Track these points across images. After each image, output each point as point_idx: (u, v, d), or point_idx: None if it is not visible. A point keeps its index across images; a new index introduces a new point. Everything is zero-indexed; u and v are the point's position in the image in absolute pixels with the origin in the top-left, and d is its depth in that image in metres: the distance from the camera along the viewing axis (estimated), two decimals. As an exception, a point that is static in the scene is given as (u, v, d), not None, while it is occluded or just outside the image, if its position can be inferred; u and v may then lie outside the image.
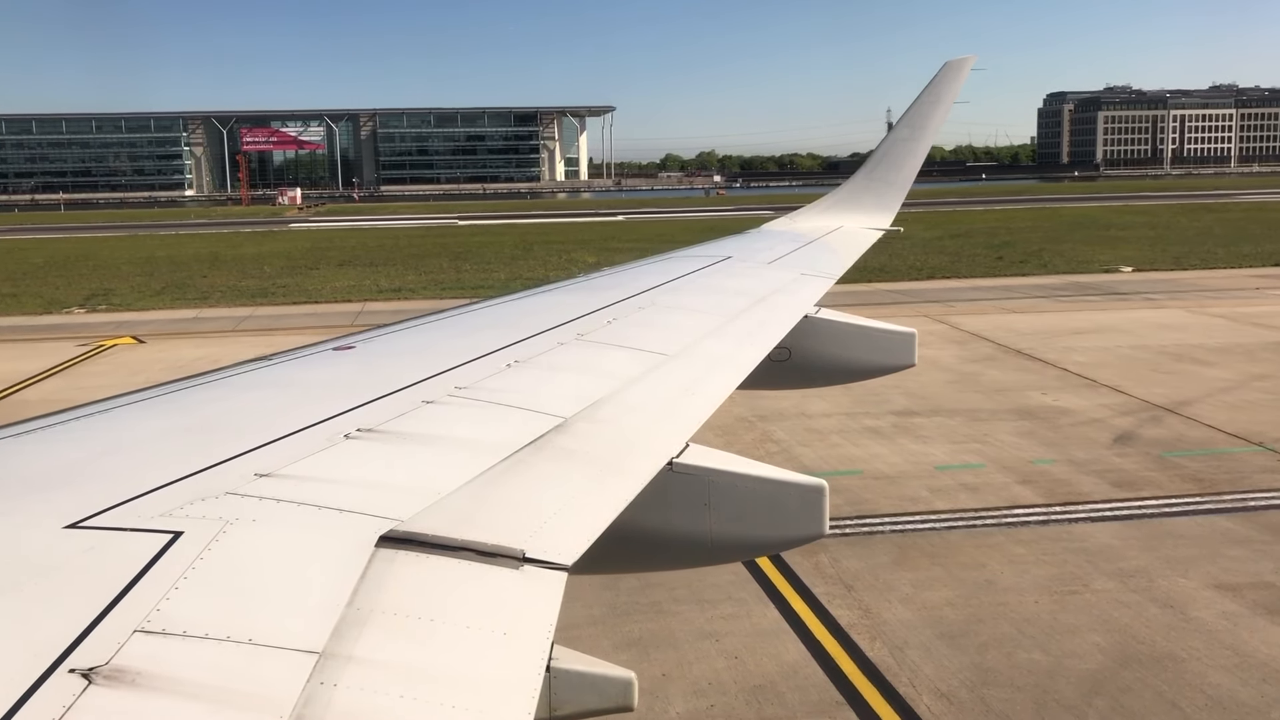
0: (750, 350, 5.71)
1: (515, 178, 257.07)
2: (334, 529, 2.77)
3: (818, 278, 8.40)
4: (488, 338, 5.29)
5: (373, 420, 3.69)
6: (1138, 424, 18.95)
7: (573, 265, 52.45)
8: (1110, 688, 9.65)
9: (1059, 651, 10.37)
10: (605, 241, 69.37)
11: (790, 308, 7.10)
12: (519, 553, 2.80)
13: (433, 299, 40.80)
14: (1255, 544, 13.09)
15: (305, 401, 3.98)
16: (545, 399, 4.19)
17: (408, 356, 5.00)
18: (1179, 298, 35.13)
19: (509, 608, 2.59)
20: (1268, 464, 16.43)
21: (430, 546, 2.74)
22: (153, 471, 3.05)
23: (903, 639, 10.74)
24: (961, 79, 11.59)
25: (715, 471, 3.99)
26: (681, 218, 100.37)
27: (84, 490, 2.93)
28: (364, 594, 2.45)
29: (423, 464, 3.34)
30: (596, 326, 5.73)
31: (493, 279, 47.13)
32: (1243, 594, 11.59)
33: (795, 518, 4.13)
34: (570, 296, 6.93)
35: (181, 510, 2.76)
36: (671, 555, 4.39)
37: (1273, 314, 31.01)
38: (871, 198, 11.75)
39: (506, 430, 3.75)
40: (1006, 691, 9.65)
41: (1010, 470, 16.42)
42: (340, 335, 5.56)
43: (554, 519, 3.07)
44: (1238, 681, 9.71)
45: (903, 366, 7.80)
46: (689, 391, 4.72)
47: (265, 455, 3.24)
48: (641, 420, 4.21)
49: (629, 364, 4.98)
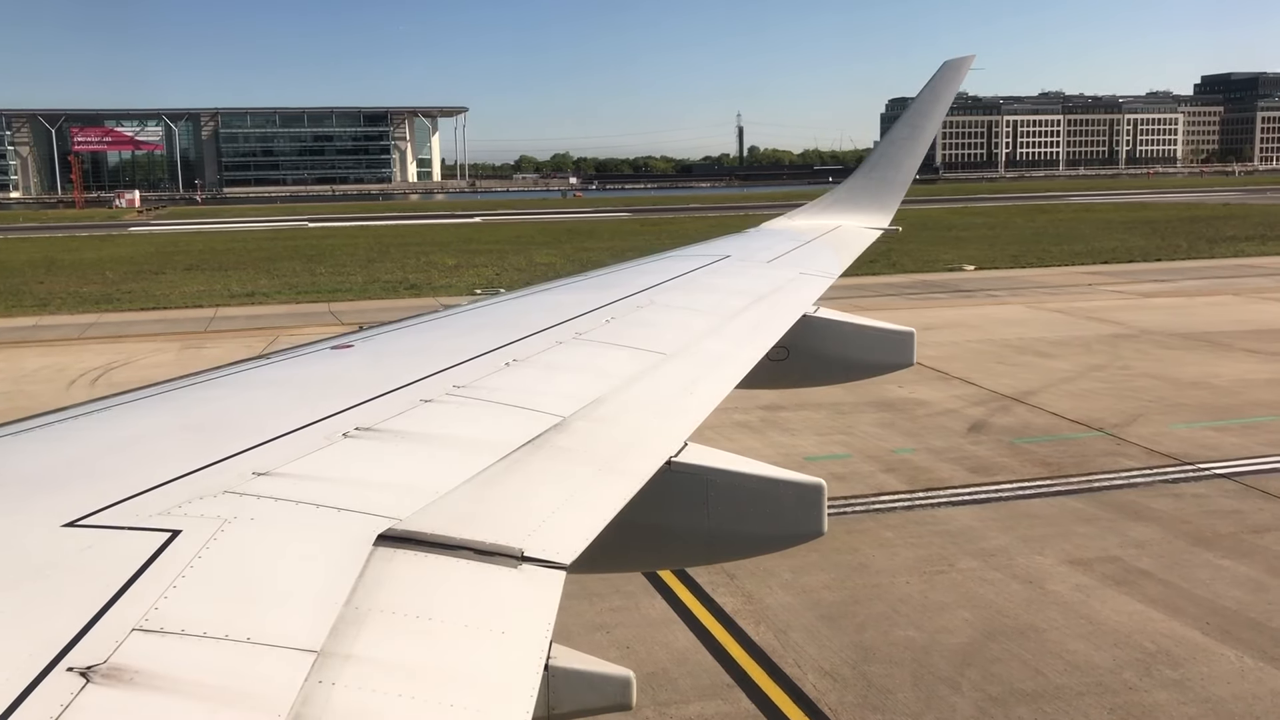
0: (748, 349, 5.71)
1: (366, 179, 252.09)
2: (332, 528, 2.77)
3: (816, 277, 8.35)
4: (485, 337, 5.24)
5: (371, 419, 3.67)
6: (989, 413, 19.97)
7: (432, 268, 51.92)
8: (980, 659, 10.24)
9: (932, 628, 10.93)
10: (464, 243, 68.80)
11: (789, 307, 7.06)
12: (517, 551, 2.79)
13: (288, 303, 39.84)
14: (1102, 521, 14.01)
15: (303, 400, 3.95)
16: (544, 398, 4.19)
17: (405, 355, 4.96)
18: (1019, 294, 37.04)
19: (507, 606, 2.60)
20: (1108, 447, 17.57)
21: (428, 545, 2.74)
22: (150, 470, 3.02)
23: (785, 622, 11.15)
24: (960, 79, 11.59)
25: (714, 470, 3.99)
26: (540, 219, 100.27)
27: (82, 489, 2.90)
28: (362, 593, 2.46)
29: (421, 463, 3.34)
30: (595, 325, 5.70)
31: (349, 282, 46.28)
32: (1093, 568, 12.41)
33: (794, 516, 4.14)
34: (568, 295, 6.85)
35: (180, 509, 2.76)
36: (670, 553, 4.37)
37: (1106, 308, 33.01)
38: (870, 197, 11.72)
39: (505, 429, 3.74)
40: (886, 667, 10.14)
41: (874, 459, 17.12)
42: (336, 335, 5.50)
43: (552, 518, 3.07)
44: (1092, 647, 10.42)
45: (902, 365, 7.65)
46: (687, 391, 4.72)
47: (263, 454, 3.23)
48: (640, 419, 4.21)
49: (627, 363, 4.98)
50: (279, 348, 25.92)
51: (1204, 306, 33.34)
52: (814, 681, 9.90)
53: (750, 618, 11.29)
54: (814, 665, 10.23)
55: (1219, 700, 9.34)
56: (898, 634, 10.83)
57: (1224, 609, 11.16)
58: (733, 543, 4.22)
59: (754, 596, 11.80)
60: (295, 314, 36.78)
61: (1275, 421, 18.93)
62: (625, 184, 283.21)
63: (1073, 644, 10.51)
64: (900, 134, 11.92)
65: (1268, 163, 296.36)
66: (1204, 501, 14.70)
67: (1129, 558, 12.70)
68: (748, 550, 4.49)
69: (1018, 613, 11.25)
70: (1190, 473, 16.01)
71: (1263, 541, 13.09)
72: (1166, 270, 43.67)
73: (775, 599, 11.71)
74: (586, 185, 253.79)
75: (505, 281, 45.45)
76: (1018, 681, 9.80)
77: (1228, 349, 25.80)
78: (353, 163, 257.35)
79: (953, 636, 10.75)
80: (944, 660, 10.25)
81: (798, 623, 11.13)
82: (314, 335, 32.67)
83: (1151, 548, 13.01)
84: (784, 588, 12.00)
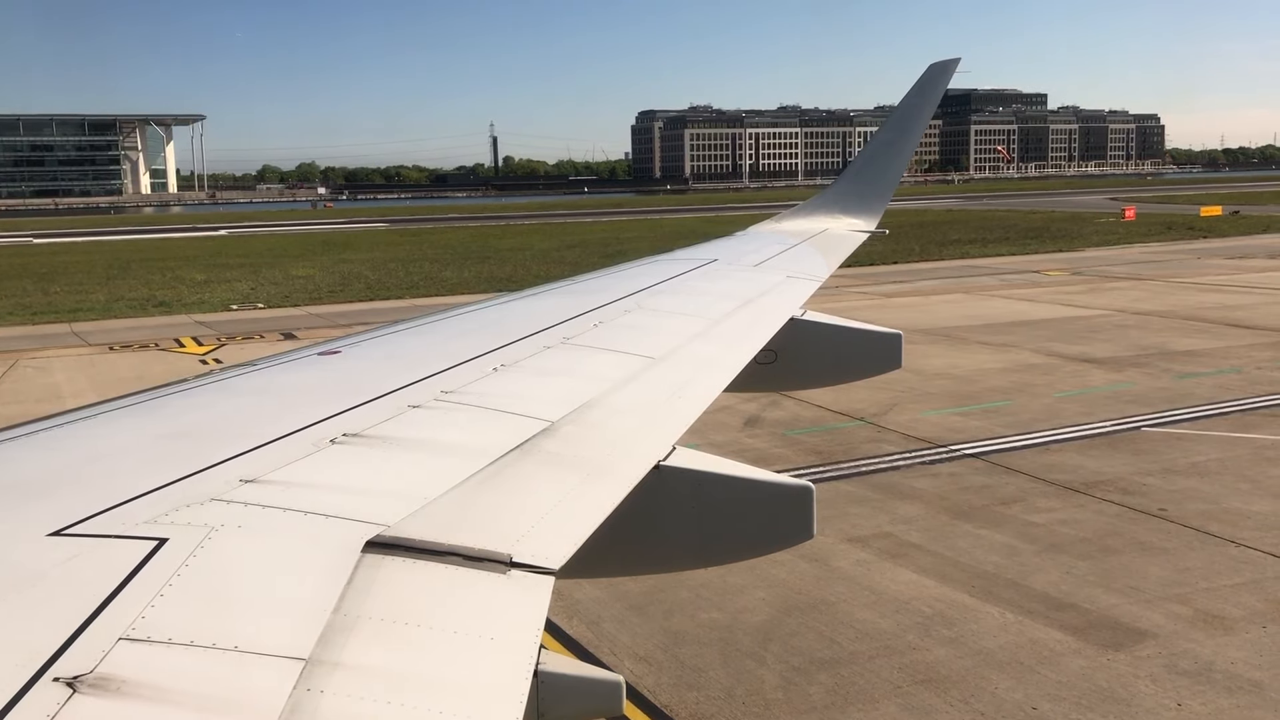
0: (737, 353, 5.72)
1: (93, 191, 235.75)
2: (320, 535, 2.76)
3: (804, 280, 8.33)
4: (474, 342, 5.17)
5: (359, 425, 3.64)
6: (760, 409, 21.09)
7: (180, 284, 49.40)
8: (780, 633, 10.97)
9: (733, 609, 11.60)
10: (212, 257, 65.70)
11: (776, 310, 7.05)
12: (506, 557, 2.79)
13: (23, 325, 36.96)
14: (872, 502, 15.19)
15: (290, 407, 3.87)
16: (532, 403, 4.16)
17: (393, 361, 4.89)
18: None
19: (496, 612, 2.58)
20: (870, 435, 18.99)
21: (417, 551, 2.73)
22: (137, 478, 3.00)
23: (597, 615, 11.54)
24: (945, 82, 11.54)
25: (702, 474, 3.99)
26: (291, 231, 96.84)
27: (67, 497, 2.85)
28: (350, 600, 2.44)
29: (409, 469, 3.32)
30: (583, 330, 5.68)
31: (90, 301, 43.36)
32: (870, 544, 13.47)
33: (783, 520, 4.17)
34: (556, 300, 6.75)
35: (166, 517, 2.74)
36: (659, 558, 4.33)
37: (853, 308, 35.24)
38: (857, 200, 11.68)
39: (493, 434, 3.73)
40: (696, 648, 10.70)
41: (661, 457, 17.78)
42: (325, 340, 5.34)
43: (541, 523, 3.07)
44: (878, 615, 11.37)
45: (889, 368, 7.65)
46: (676, 394, 4.71)
47: (250, 461, 3.20)
48: (628, 423, 4.18)
49: (616, 367, 4.98)
50: (20, 370, 23.97)
51: (940, 304, 36.29)
52: (630, 667, 10.33)
53: (563, 612, 11.61)
54: (629, 652, 10.68)
55: (989, 652, 10.42)
56: (703, 617, 11.43)
57: (985, 573, 12.40)
58: (721, 546, 4.24)
59: (563, 592, 12.13)
60: (33, 336, 34.20)
61: (1010, 405, 20.99)
62: (378, 194, 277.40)
63: (860, 613, 11.42)
64: (886, 137, 11.91)
65: (981, 171, 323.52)
66: (958, 479, 16.18)
67: (900, 533, 13.85)
68: (736, 553, 4.48)
69: (809, 589, 12.10)
70: (944, 454, 17.57)
71: (1011, 511, 14.57)
72: (904, 272, 47.14)
73: (584, 593, 12.08)
74: (337, 195, 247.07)
75: (263, 296, 43.84)
76: (816, 651, 10.58)
77: (964, 342, 28.25)
78: (78, 174, 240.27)
79: (753, 615, 11.45)
80: (748, 638, 10.91)
81: (608, 614, 11.55)
82: (56, 356, 30.29)
83: (918, 523, 14.24)
84: (591, 583, 12.37)
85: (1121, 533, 13.62)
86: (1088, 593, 11.73)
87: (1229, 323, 29.99)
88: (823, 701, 9.60)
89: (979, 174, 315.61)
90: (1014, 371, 24.29)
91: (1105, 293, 37.98)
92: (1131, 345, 27.03)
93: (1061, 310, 33.81)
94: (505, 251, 64.56)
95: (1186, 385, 22.26)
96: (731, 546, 4.30)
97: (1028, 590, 11.87)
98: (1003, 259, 52.61)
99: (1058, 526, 13.91)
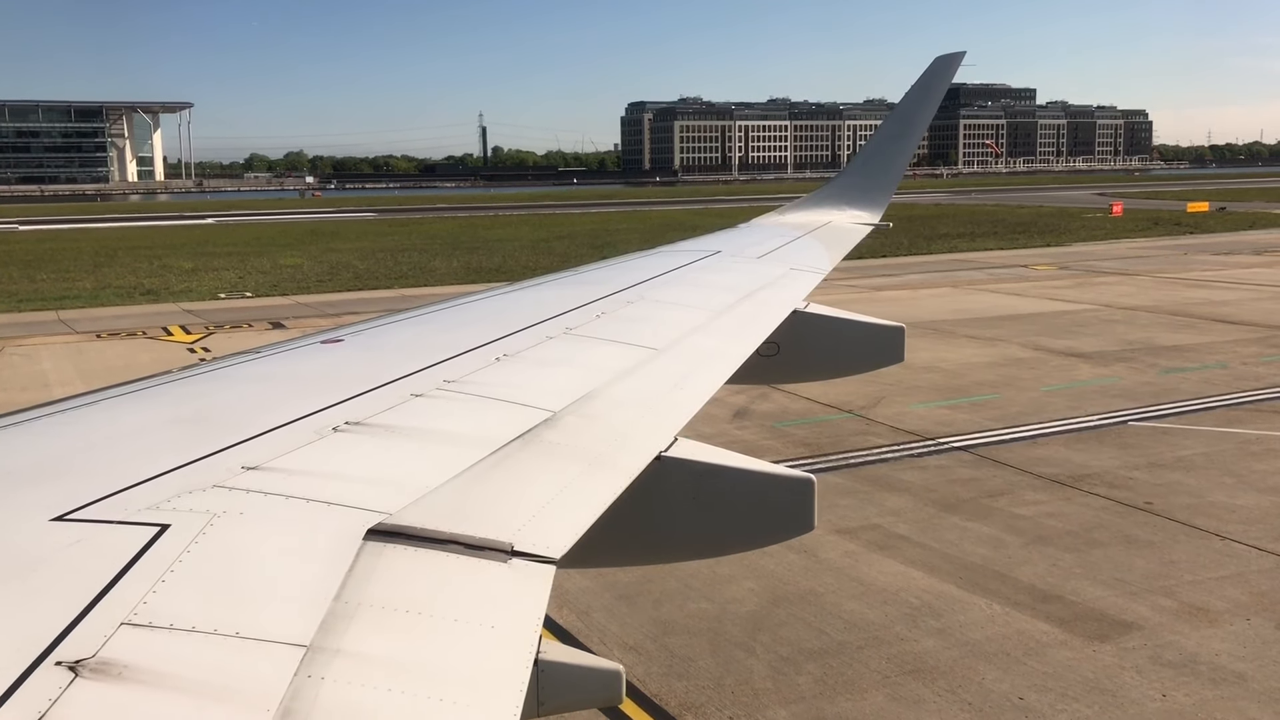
0: (739, 345, 5.71)
1: (80, 179, 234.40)
2: (321, 522, 2.76)
3: (807, 272, 8.32)
4: (476, 332, 5.13)
5: (361, 414, 3.66)
6: (749, 401, 21.13)
7: (167, 272, 49.23)
8: (769, 624, 11.03)
9: (722, 599, 11.65)
10: (199, 246, 65.44)
11: (779, 302, 7.02)
12: (507, 546, 2.79)
13: (9, 312, 36.78)
14: (860, 494, 15.26)
15: (293, 395, 3.86)
16: (534, 393, 4.17)
17: (396, 350, 4.87)
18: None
19: (497, 601, 2.58)
20: (858, 427, 19.06)
21: (418, 540, 2.74)
22: (139, 464, 2.99)
23: (586, 604, 11.58)
24: (950, 75, 11.48)
25: (704, 465, 3.98)
26: (279, 220, 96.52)
27: (70, 483, 2.85)
28: (352, 587, 2.44)
29: (411, 457, 3.33)
30: (585, 321, 5.67)
31: (77, 288, 43.18)
32: (858, 535, 13.54)
33: (784, 512, 4.15)
34: (559, 291, 6.72)
35: (168, 503, 2.74)
36: (660, 549, 4.34)
37: (841, 301, 35.15)
38: (860, 193, 11.64)
39: (495, 424, 3.74)
40: (685, 638, 10.75)
41: (650, 448, 17.82)
42: (328, 329, 5.33)
43: (542, 512, 3.08)
44: (865, 606, 11.43)
45: (890, 362, 7.60)
46: (678, 386, 4.71)
47: (253, 448, 3.21)
48: (630, 414, 4.19)
49: (618, 358, 4.97)
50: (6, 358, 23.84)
51: (928, 298, 36.38)
52: (619, 656, 10.36)
53: (553, 602, 11.48)
54: (618, 641, 10.72)
55: (976, 643, 10.49)
56: (692, 607, 11.48)
57: (973, 565, 12.48)
58: (722, 537, 4.25)
59: (553, 583, 12.13)
60: (19, 324, 34.01)
61: (997, 399, 21.09)
62: (366, 183, 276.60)
63: (848, 604, 11.48)
64: (891, 130, 11.88)
65: (970, 166, 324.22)
66: (946, 472, 16.25)
67: (888, 524, 13.92)
68: (737, 545, 4.48)
69: (797, 580, 12.15)
70: (931, 447, 17.64)
71: (998, 504, 14.66)
72: (892, 266, 47.23)
73: (573, 583, 12.11)
74: (325, 184, 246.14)
75: (251, 285, 43.70)
76: (804, 641, 10.63)
77: (951, 335, 28.35)
78: (64, 161, 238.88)
79: (742, 605, 11.50)
80: (736, 628, 10.96)
81: (598, 604, 11.59)
82: (43, 344, 30.16)
83: (906, 515, 14.31)
84: (581, 572, 12.40)
85: (1107, 526, 13.72)
86: (1074, 585, 11.82)
87: (1215, 318, 30.17)
88: (811, 691, 9.66)
89: (967, 168, 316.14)
90: (1001, 365, 24.40)
91: (1093, 288, 38.15)
92: (1118, 340, 27.17)
93: (1049, 305, 33.95)
94: (494, 242, 64.48)
95: (1173, 380, 22.40)
96: (731, 538, 4.30)
97: (1015, 582, 11.95)
98: (991, 253, 52.78)
99: (1045, 519, 14.00)
